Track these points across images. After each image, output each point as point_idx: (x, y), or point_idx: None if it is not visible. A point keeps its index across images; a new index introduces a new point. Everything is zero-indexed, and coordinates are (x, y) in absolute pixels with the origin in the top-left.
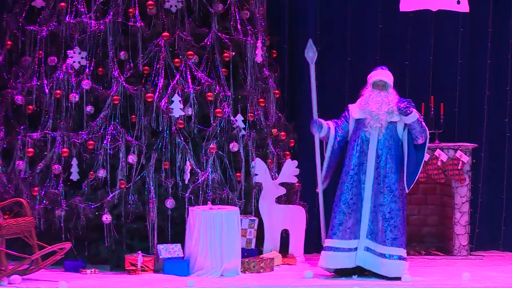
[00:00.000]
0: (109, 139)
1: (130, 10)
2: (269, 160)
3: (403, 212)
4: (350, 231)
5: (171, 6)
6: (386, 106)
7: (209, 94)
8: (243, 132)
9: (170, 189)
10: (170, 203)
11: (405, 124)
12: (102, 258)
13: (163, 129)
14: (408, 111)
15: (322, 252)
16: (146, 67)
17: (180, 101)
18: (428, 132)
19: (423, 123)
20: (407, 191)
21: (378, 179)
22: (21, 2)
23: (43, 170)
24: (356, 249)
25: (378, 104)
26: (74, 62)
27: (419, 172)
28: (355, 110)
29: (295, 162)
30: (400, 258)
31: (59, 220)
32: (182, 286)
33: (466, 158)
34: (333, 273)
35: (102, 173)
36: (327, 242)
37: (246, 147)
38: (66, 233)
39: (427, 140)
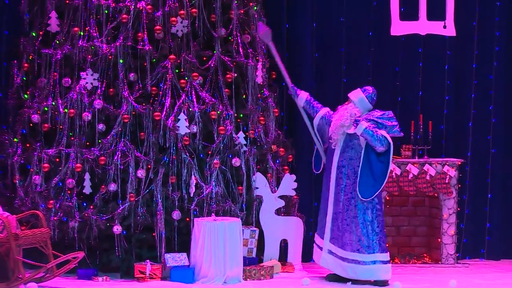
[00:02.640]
0: (119, 155)
1: (139, 34)
2: (269, 174)
3: (361, 219)
4: (322, 230)
5: (177, 30)
6: (342, 119)
7: (212, 112)
8: (244, 148)
9: (176, 201)
10: (176, 214)
11: None
12: (113, 267)
13: (170, 146)
14: (355, 124)
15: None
16: (154, 88)
17: (185, 119)
18: (387, 140)
19: (378, 132)
20: (361, 198)
21: (338, 188)
22: (37, 27)
23: (58, 184)
24: (322, 249)
25: (337, 118)
26: (86, 83)
27: (385, 181)
28: None
29: (293, 176)
30: (354, 261)
31: (72, 231)
32: None
33: (453, 173)
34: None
35: (113, 186)
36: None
37: (248, 162)
38: (79, 243)
39: (390, 149)
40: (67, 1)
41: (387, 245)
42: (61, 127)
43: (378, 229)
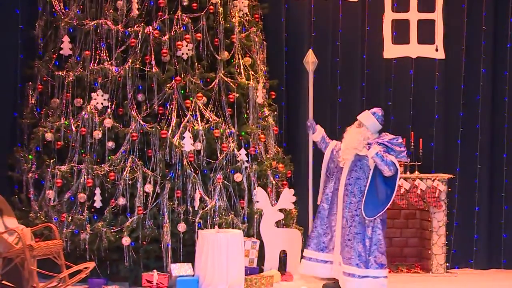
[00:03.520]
0: (128, 171)
1: (147, 57)
2: (269, 189)
3: (362, 236)
4: (324, 245)
5: (182, 53)
6: (355, 142)
7: (216, 131)
8: (246, 164)
9: (182, 214)
10: (182, 227)
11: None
12: (122, 276)
13: (175, 162)
14: (367, 146)
15: (301, 260)
16: (160, 107)
17: (190, 137)
18: (396, 166)
19: (388, 157)
20: (365, 217)
21: (344, 204)
22: (50, 50)
23: (70, 199)
24: (331, 262)
25: (349, 140)
26: (97, 103)
27: (389, 203)
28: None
29: (292, 191)
30: (349, 275)
31: (84, 243)
32: None
33: (442, 187)
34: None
35: (122, 201)
36: (304, 252)
37: (249, 177)
38: (90, 254)
39: (397, 175)
40: (79, 26)
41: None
42: (73, 144)
43: (376, 246)
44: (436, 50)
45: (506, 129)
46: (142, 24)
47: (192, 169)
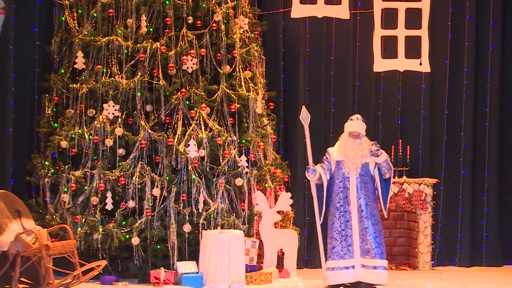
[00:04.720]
0: (137, 176)
1: (154, 71)
2: (268, 192)
3: (383, 232)
4: (343, 253)
5: (187, 67)
6: (360, 151)
7: (218, 139)
8: (246, 169)
9: (187, 216)
10: (187, 227)
11: (376, 163)
12: (132, 273)
13: (181, 168)
14: (378, 153)
15: (326, 272)
16: (167, 117)
17: (195, 144)
18: (393, 169)
19: (389, 161)
20: (385, 215)
21: (361, 207)
22: (65, 65)
23: (84, 202)
24: (353, 267)
25: (354, 150)
26: (108, 113)
27: (388, 200)
28: (335, 153)
29: (289, 194)
30: (385, 268)
31: (96, 242)
32: None
33: (428, 191)
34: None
35: (131, 203)
36: (327, 264)
37: (249, 182)
38: (102, 253)
39: (392, 175)
40: (92, 42)
41: None
42: (86, 151)
43: (383, 239)
44: (420, 64)
45: (488, 137)
46: (150, 40)
47: (197, 174)
